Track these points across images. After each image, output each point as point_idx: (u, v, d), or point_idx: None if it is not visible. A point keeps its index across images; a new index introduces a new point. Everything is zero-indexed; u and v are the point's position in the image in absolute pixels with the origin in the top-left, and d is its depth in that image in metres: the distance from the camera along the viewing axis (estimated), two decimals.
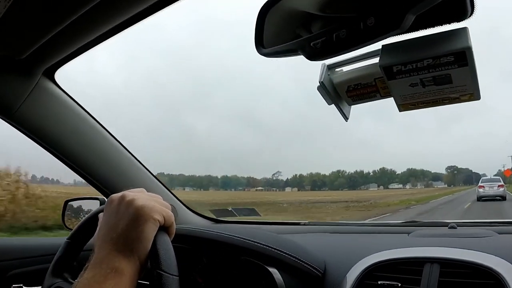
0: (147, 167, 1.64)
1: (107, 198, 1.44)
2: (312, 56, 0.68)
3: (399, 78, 0.71)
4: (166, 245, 0.69)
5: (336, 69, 0.85)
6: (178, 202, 1.78)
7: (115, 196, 0.74)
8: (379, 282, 1.03)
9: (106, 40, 1.12)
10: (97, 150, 1.49)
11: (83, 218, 0.98)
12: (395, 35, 0.62)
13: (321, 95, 0.84)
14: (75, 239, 0.98)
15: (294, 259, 1.12)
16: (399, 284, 1.00)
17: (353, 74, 0.82)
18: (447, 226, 1.35)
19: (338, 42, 0.63)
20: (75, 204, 1.57)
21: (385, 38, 0.61)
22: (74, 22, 0.93)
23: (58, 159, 1.42)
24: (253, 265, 1.12)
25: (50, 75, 1.29)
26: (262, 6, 0.73)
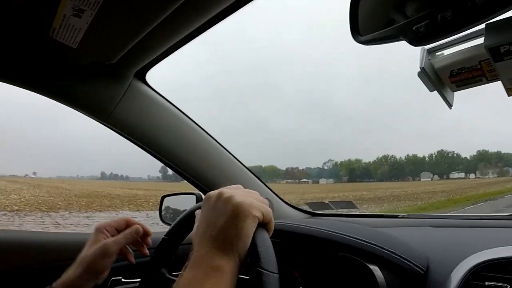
0: (241, 161, 1.66)
1: (203, 193, 1.49)
2: (415, 41, 0.63)
3: (507, 60, 0.65)
4: (266, 242, 0.68)
5: (437, 53, 0.79)
6: (274, 195, 1.79)
7: (213, 193, 0.75)
8: (486, 283, 0.94)
9: (191, 42, 1.15)
10: (192, 147, 1.53)
11: (180, 215, 1.01)
12: (506, 12, 0.55)
13: (422, 81, 0.79)
14: (172, 236, 1.01)
15: (395, 256, 1.06)
16: (508, 286, 0.91)
17: (456, 58, 0.76)
18: None
19: (443, 24, 0.57)
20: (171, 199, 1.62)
21: (497, 16, 0.55)
22: (160, 25, 0.95)
23: (155, 158, 1.49)
24: (352, 261, 1.09)
25: (141, 77, 1.35)
26: None
